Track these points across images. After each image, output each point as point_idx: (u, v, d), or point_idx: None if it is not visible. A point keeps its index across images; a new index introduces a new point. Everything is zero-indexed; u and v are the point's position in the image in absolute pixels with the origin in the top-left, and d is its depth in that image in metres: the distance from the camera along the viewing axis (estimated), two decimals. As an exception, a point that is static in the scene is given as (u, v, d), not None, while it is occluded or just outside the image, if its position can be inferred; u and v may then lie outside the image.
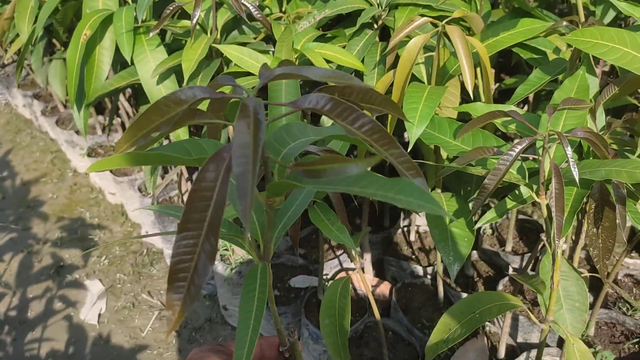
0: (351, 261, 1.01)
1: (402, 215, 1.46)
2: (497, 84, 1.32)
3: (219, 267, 1.38)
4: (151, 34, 0.98)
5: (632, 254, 1.40)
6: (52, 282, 1.72)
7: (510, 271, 1.23)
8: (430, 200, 0.28)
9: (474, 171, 0.73)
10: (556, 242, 0.70)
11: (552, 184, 0.67)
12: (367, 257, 1.36)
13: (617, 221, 0.75)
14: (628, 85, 0.83)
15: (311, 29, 1.02)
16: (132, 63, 1.03)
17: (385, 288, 1.33)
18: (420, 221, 1.44)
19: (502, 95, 1.36)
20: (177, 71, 1.04)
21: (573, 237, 0.98)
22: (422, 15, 0.96)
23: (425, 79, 0.96)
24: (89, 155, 1.98)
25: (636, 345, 1.10)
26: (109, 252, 1.79)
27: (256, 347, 0.43)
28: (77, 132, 2.11)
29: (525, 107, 1.26)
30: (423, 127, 0.81)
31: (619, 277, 1.26)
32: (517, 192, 0.81)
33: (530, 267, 1.24)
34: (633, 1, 0.93)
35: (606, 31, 0.78)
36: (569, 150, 0.67)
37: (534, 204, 1.61)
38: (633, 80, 0.83)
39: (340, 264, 1.42)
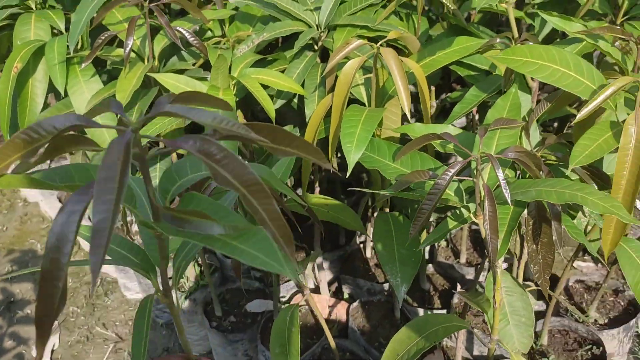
0: (298, 287, 1.00)
1: (357, 232, 1.45)
2: (444, 98, 1.33)
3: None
4: (84, 65, 0.95)
5: (584, 257, 1.42)
6: (2, 319, 1.65)
7: (460, 288, 1.24)
8: (278, 261, 0.27)
9: (410, 196, 0.73)
10: (494, 264, 0.70)
11: (485, 208, 0.67)
12: (323, 277, 1.35)
13: (554, 238, 0.75)
14: (560, 100, 0.84)
15: (250, 53, 1.00)
16: (67, 94, 1.00)
17: (342, 308, 1.32)
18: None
19: (449, 112, 1.37)
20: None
21: (516, 254, 0.98)
22: (360, 36, 0.96)
23: (365, 100, 0.95)
24: (37, 184, 1.92)
25: (589, 352, 1.12)
26: (62, 283, 1.73)
27: None
28: (26, 160, 2.05)
29: (473, 119, 1.27)
30: (361, 151, 0.80)
31: (570, 284, 1.28)
32: (457, 211, 0.81)
33: (483, 276, 1.25)
34: (565, 15, 0.95)
35: (535, 49, 0.79)
36: (500, 173, 0.67)
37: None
38: (565, 96, 0.84)
39: (297, 284, 1.40)
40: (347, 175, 0.81)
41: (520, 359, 0.75)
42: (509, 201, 0.67)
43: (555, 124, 1.47)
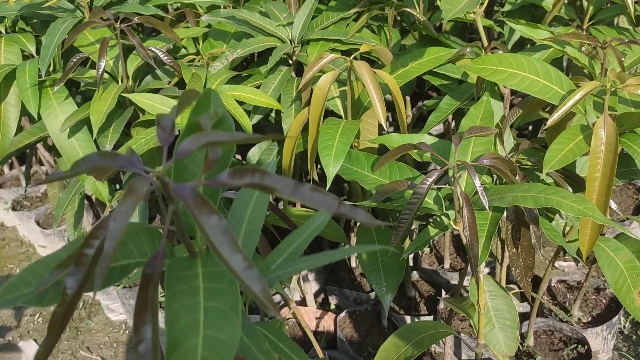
0: (284, 300, 0.99)
1: (341, 243, 1.46)
2: (421, 104, 1.35)
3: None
4: (56, 88, 0.94)
5: (565, 257, 1.44)
6: (-18, 348, 1.61)
7: (445, 295, 1.24)
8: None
9: (390, 207, 0.73)
10: (475, 270, 0.71)
11: (464, 215, 0.68)
12: (308, 288, 1.35)
13: (533, 241, 0.76)
14: (532, 106, 0.86)
15: (225, 70, 1.01)
16: (40, 117, 0.99)
17: (329, 319, 1.32)
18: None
19: (425, 119, 1.38)
20: (89, 122, 1.00)
21: (498, 259, 1.00)
22: (334, 50, 0.97)
23: (342, 112, 0.96)
24: (13, 209, 1.89)
25: (574, 351, 1.13)
26: (43, 309, 1.70)
27: None
28: (1, 186, 2.01)
29: (453, 122, 1.28)
30: (339, 163, 0.81)
31: (553, 284, 1.29)
32: (438, 219, 0.82)
33: (467, 280, 1.26)
34: (532, 22, 0.97)
35: (504, 58, 0.80)
36: (477, 180, 0.68)
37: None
38: (536, 102, 0.86)
39: (283, 297, 1.39)
40: (327, 187, 0.81)
41: (506, 362, 0.76)
42: (487, 207, 0.67)
43: (530, 127, 1.49)
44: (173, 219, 0.33)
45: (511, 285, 1.06)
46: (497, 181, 0.83)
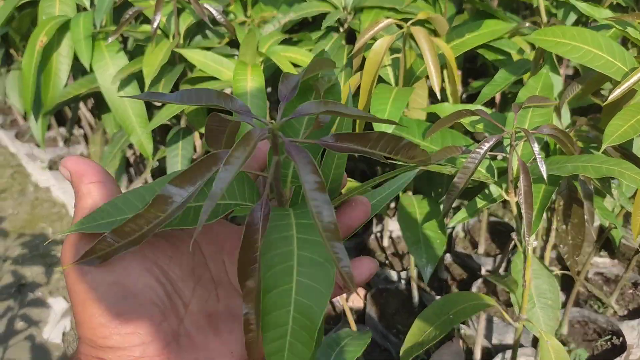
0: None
1: (374, 221, 1.45)
2: (464, 88, 1.33)
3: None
4: (110, 40, 0.95)
5: (601, 254, 1.41)
6: (14, 301, 1.65)
7: (484, 272, 1.23)
8: None
9: (443, 170, 0.72)
10: (526, 239, 0.69)
11: (520, 181, 0.67)
12: (340, 263, 1.34)
13: (585, 217, 0.75)
14: (591, 83, 0.84)
15: (276, 32, 1.00)
16: (92, 70, 1.00)
17: (359, 294, 1.32)
18: (393, 226, 1.44)
19: (470, 100, 1.37)
20: (138, 77, 1.01)
21: (544, 237, 0.98)
22: (388, 18, 0.96)
23: (392, 81, 0.95)
24: (50, 168, 1.92)
25: (608, 342, 1.11)
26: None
27: None
28: (38, 145, 2.05)
29: (493, 110, 1.27)
30: (391, 128, 0.80)
31: (590, 276, 1.27)
32: (487, 191, 0.80)
33: (502, 268, 1.25)
34: (592, 2, 0.94)
35: (568, 30, 0.79)
36: (536, 147, 0.66)
37: (505, 205, 1.63)
38: (595, 79, 0.84)
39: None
40: (377, 151, 0.80)
41: (550, 337, 0.74)
42: (545, 175, 0.66)
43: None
44: (274, 170, 0.34)
45: (552, 268, 1.04)
46: (551, 156, 0.81)
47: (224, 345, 0.32)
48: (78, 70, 1.21)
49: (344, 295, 1.32)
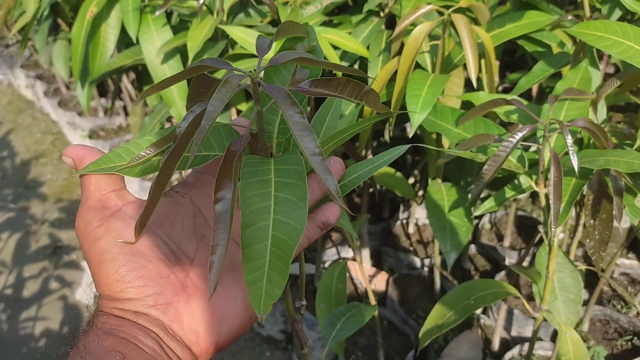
0: (350, 248, 1.01)
1: (401, 207, 1.46)
2: (501, 80, 1.33)
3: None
4: (157, 13, 0.98)
5: (628, 255, 1.40)
6: (49, 262, 1.72)
7: (507, 262, 1.24)
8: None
9: (475, 158, 0.73)
10: (553, 230, 0.70)
11: (551, 172, 0.67)
12: (365, 246, 1.36)
13: (614, 212, 0.75)
14: (630, 79, 0.83)
15: (318, 14, 1.02)
16: (138, 42, 1.03)
17: (382, 278, 1.34)
18: (419, 214, 1.45)
19: (506, 92, 1.36)
20: (182, 52, 1.04)
21: (571, 234, 0.98)
22: (429, 4, 0.96)
23: (429, 68, 0.96)
24: (90, 137, 1.98)
25: (629, 343, 1.11)
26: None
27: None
28: (79, 114, 2.11)
29: (529, 103, 1.27)
30: (425, 113, 0.81)
31: (615, 275, 1.26)
32: (516, 181, 0.81)
33: (527, 262, 1.25)
34: (639, -2, 0.93)
35: (610, 25, 0.78)
36: (569, 139, 0.67)
37: (534, 201, 1.62)
38: (635, 75, 0.83)
39: (338, 252, 1.42)
40: (411, 134, 0.82)
41: (570, 329, 0.75)
42: (576, 167, 0.67)
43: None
44: (256, 119, 0.37)
45: (577, 263, 1.04)
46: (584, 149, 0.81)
47: (228, 291, 0.36)
48: (122, 42, 1.25)
49: (367, 276, 1.34)
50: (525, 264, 1.26)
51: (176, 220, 0.38)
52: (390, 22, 1.06)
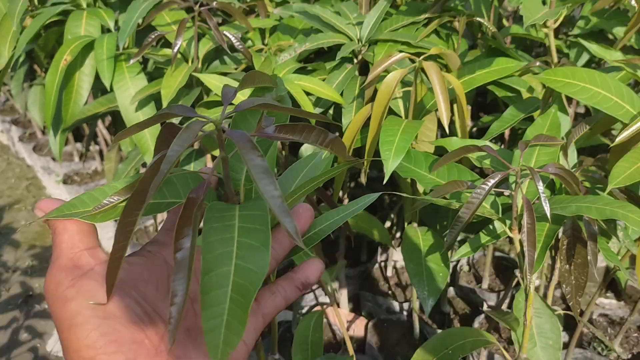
0: (326, 295, 1.00)
1: (379, 250, 1.45)
2: (474, 122, 1.35)
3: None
4: (132, 61, 0.98)
5: (607, 294, 1.40)
6: (20, 312, 1.66)
7: (485, 307, 1.22)
8: None
9: (448, 204, 0.73)
10: (528, 278, 0.70)
11: (524, 219, 0.67)
12: (343, 291, 1.34)
13: (589, 258, 0.75)
14: (599, 124, 0.85)
15: (292, 61, 1.03)
16: (112, 89, 1.03)
17: (360, 324, 1.31)
18: (397, 256, 1.44)
19: (479, 134, 1.38)
20: (156, 99, 1.04)
21: (547, 276, 0.98)
22: (401, 52, 0.98)
23: (402, 113, 0.97)
24: (64, 182, 1.95)
25: (611, 386, 1.09)
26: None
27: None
28: (54, 159, 2.08)
29: (502, 146, 1.29)
30: (399, 159, 0.81)
31: (594, 317, 1.26)
32: (491, 227, 0.81)
33: (506, 304, 1.24)
34: (604, 44, 0.96)
35: (577, 71, 0.80)
36: (541, 186, 0.67)
37: (511, 241, 1.62)
38: (604, 120, 0.85)
39: (316, 297, 1.40)
40: (385, 181, 0.81)
41: (550, 377, 0.74)
42: (548, 215, 0.67)
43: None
44: (221, 166, 0.37)
45: (555, 307, 1.04)
46: (556, 194, 0.82)
47: (203, 356, 0.35)
48: (98, 89, 1.25)
49: (345, 323, 1.32)
50: (505, 306, 1.26)
51: (150, 281, 0.37)
52: (364, 68, 1.08)
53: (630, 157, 0.75)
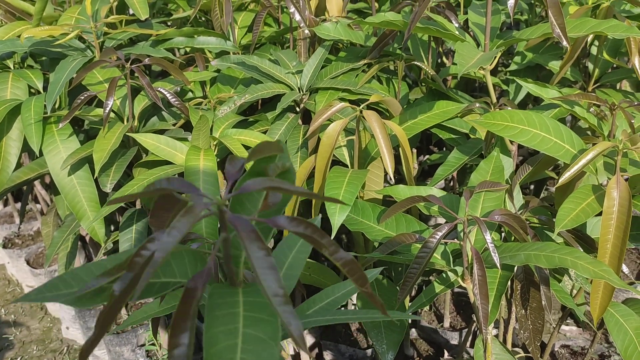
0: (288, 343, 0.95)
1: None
2: (426, 158, 1.34)
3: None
4: (61, 125, 0.93)
5: (567, 321, 1.40)
6: (-43, 392, 1.53)
7: (446, 356, 1.20)
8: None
9: (398, 260, 0.71)
10: (484, 330, 0.68)
11: (474, 271, 0.66)
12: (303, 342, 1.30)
13: (543, 302, 0.74)
14: (542, 163, 0.85)
15: (232, 114, 1.00)
16: (42, 154, 0.97)
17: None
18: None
19: (432, 169, 1.38)
20: (90, 160, 0.99)
21: (504, 317, 0.96)
22: (342, 99, 0.97)
23: (348, 162, 0.95)
24: (4, 246, 1.84)
25: (579, 421, 1.08)
26: (25, 352, 1.63)
27: None
28: (-7, 221, 1.97)
29: (452, 183, 1.28)
30: (345, 213, 0.79)
31: (556, 349, 1.25)
32: (444, 275, 0.79)
33: (469, 342, 1.22)
34: (542, 77, 0.98)
35: (515, 114, 0.80)
36: (488, 236, 0.66)
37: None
38: (546, 159, 0.85)
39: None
40: (332, 236, 0.79)
41: None
42: (498, 265, 0.65)
43: (532, 186, 1.49)
44: (222, 246, 0.35)
45: (516, 349, 1.02)
46: (505, 239, 0.81)
47: None
48: (32, 150, 1.19)
49: (309, 376, 1.26)
50: (468, 343, 1.23)
51: None
52: (307, 116, 1.06)
53: (574, 198, 0.74)
